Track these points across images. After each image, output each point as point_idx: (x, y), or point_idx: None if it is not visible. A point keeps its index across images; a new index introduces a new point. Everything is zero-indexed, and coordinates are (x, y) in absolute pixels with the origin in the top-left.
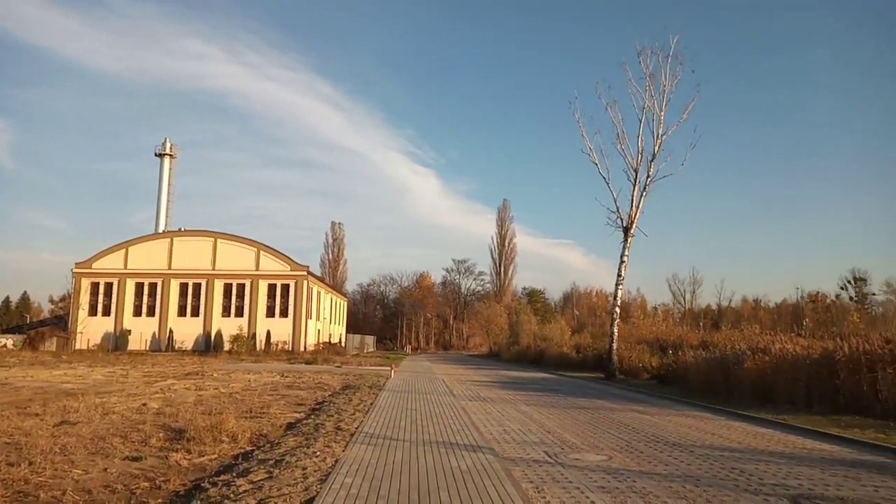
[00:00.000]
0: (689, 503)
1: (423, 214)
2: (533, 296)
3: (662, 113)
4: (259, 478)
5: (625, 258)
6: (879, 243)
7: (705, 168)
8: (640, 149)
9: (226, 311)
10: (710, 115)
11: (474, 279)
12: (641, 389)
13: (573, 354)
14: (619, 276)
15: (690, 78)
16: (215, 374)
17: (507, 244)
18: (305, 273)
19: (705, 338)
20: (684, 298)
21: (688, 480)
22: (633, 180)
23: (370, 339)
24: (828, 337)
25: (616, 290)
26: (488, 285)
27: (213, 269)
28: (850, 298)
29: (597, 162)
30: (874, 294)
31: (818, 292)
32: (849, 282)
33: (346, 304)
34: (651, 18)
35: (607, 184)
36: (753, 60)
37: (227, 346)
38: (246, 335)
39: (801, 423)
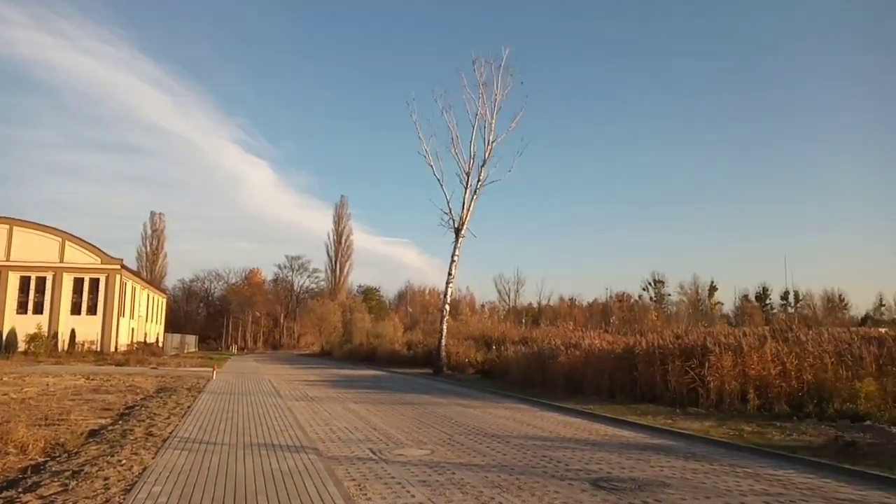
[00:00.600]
0: (503, 491)
1: (255, 207)
2: (368, 294)
3: (494, 120)
4: (51, 492)
5: (455, 258)
6: (674, 248)
7: (531, 174)
8: (472, 153)
9: (21, 308)
10: (540, 118)
11: (308, 276)
12: (467, 384)
13: (404, 351)
14: (449, 274)
15: (521, 89)
16: (5, 378)
17: (343, 241)
18: (119, 267)
19: (526, 334)
20: (509, 297)
21: (503, 470)
22: (465, 183)
23: (192, 339)
24: (630, 333)
25: (446, 288)
26: (323, 283)
27: (8, 260)
28: (651, 298)
29: (432, 164)
30: (669, 295)
31: (624, 293)
32: (650, 283)
33: (165, 301)
34: (496, 25)
35: (441, 186)
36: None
37: (22, 347)
38: (46, 334)
39: (604, 412)
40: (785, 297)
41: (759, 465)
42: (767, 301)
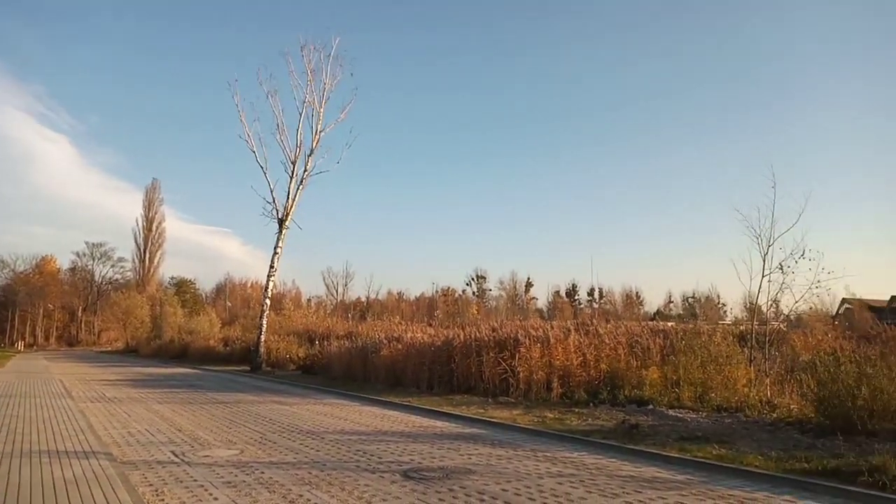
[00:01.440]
0: (313, 488)
1: (52, 188)
2: (182, 286)
3: (322, 110)
4: None
5: (279, 250)
6: (496, 245)
7: (360, 169)
8: (298, 142)
9: None
10: (375, 111)
11: (112, 266)
12: (286, 381)
13: (221, 348)
14: (271, 267)
15: (350, 80)
16: None
17: (154, 228)
18: None
19: (352, 329)
20: (337, 291)
21: (315, 466)
22: (290, 173)
23: None
24: (452, 326)
25: (268, 281)
26: (129, 273)
27: None
28: (473, 293)
29: (255, 150)
30: (490, 290)
31: (449, 287)
32: (473, 279)
33: None
34: (328, 12)
35: (265, 174)
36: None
37: None
38: None
39: (422, 403)
40: (591, 293)
41: (557, 449)
42: (576, 297)
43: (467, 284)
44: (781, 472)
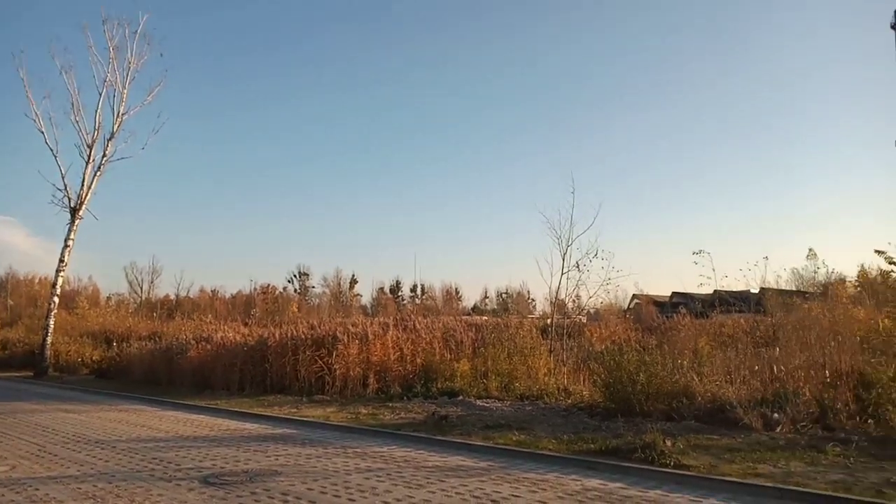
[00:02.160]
0: (98, 502)
1: None
2: None
3: (126, 91)
4: None
5: (70, 242)
6: (321, 241)
7: (175, 157)
8: (97, 124)
9: None
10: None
11: None
12: (76, 386)
13: None
14: (61, 261)
15: (160, 61)
16: None
17: None
18: None
19: (157, 328)
20: (142, 288)
21: (102, 478)
22: (86, 157)
23: None
24: (271, 324)
25: (56, 276)
26: None
27: None
28: (295, 290)
29: (43, 130)
30: (314, 287)
31: (269, 284)
32: (295, 276)
33: None
34: None
35: (55, 157)
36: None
37: None
38: None
39: (231, 406)
40: (414, 289)
41: (368, 445)
42: (399, 293)
43: (289, 281)
44: (571, 453)
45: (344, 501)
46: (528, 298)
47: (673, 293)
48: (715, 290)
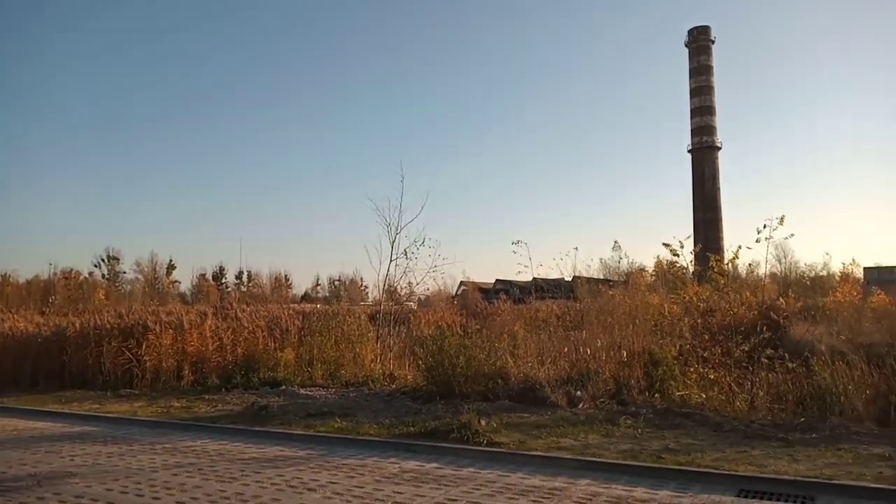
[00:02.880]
0: None
1: None
2: None
3: None
4: None
5: None
6: (133, 223)
7: None
8: None
9: None
10: None
11: None
12: None
13: None
14: None
15: None
16: None
17: None
18: None
19: None
20: None
21: None
22: None
23: None
24: (72, 313)
25: None
26: None
27: None
28: (103, 276)
29: None
30: (125, 272)
31: (72, 269)
32: (102, 260)
33: None
34: None
35: None
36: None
37: None
38: None
39: (21, 404)
40: (239, 276)
41: (179, 439)
42: (223, 280)
43: (96, 266)
44: (391, 437)
45: (148, 500)
46: (362, 286)
47: (497, 280)
48: (534, 278)
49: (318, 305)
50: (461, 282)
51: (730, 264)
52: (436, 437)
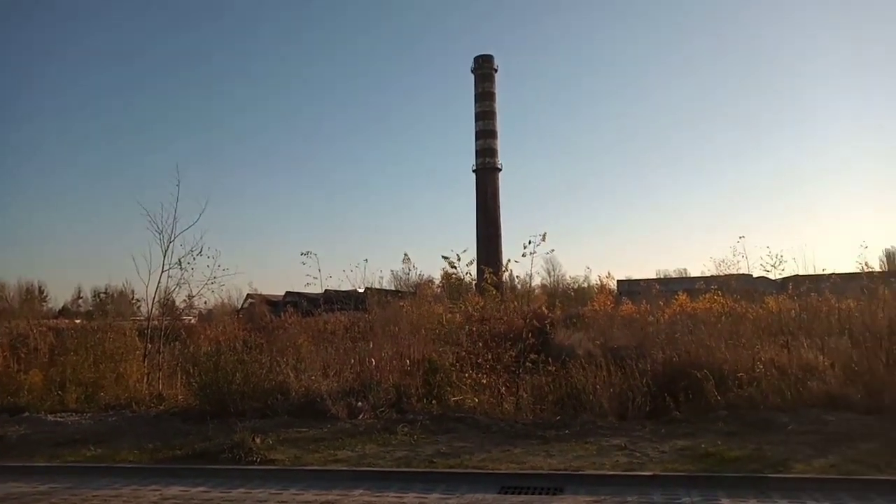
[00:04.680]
0: None
1: None
2: None
3: None
4: None
5: None
6: None
7: None
8: None
9: None
10: None
11: None
12: None
13: None
14: None
15: None
16: None
17: None
18: None
19: None
20: None
21: None
22: None
23: None
24: None
25: None
26: None
27: None
28: None
29: None
30: None
31: None
32: None
33: None
34: None
35: None
36: None
37: None
38: None
39: None
40: None
41: None
42: None
43: None
44: (153, 462)
45: None
46: (133, 299)
47: (287, 293)
48: (326, 290)
49: (79, 321)
50: (248, 294)
51: (505, 276)
52: (205, 460)
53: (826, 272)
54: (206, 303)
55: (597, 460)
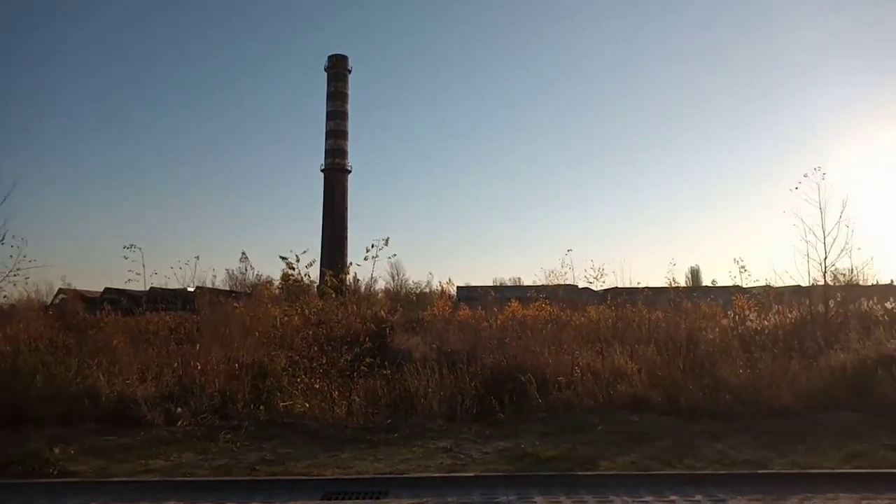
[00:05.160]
0: None
1: None
2: None
3: None
4: None
5: None
6: None
7: None
8: None
9: None
10: None
11: None
12: None
13: None
14: None
15: None
16: None
17: None
18: None
19: None
20: None
21: None
22: None
23: None
24: None
25: None
26: None
27: None
28: None
29: None
30: None
31: None
32: None
33: None
34: None
35: None
36: None
37: None
38: None
39: None
40: None
41: None
42: None
43: None
44: None
45: None
46: None
47: (106, 289)
48: (151, 287)
49: None
50: (59, 289)
51: (349, 279)
52: None
53: (640, 286)
54: (5, 297)
55: (422, 463)
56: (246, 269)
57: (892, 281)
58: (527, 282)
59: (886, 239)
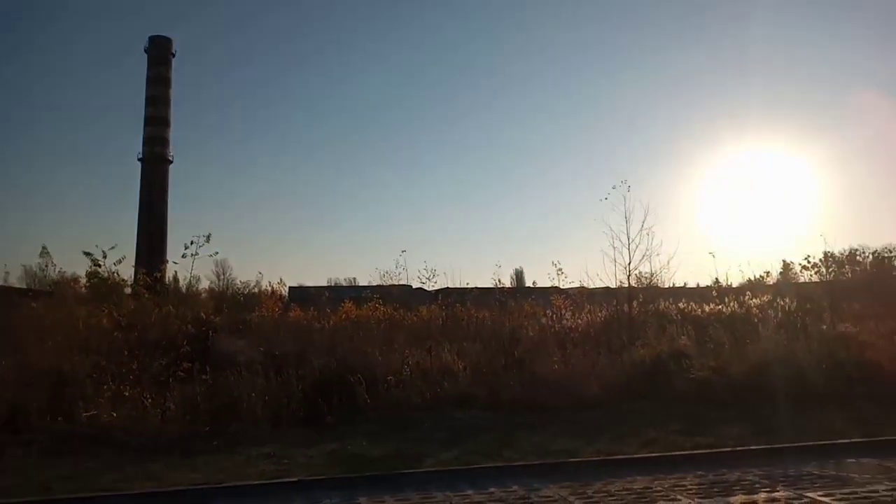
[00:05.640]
0: None
1: None
2: None
3: None
4: None
5: None
6: None
7: None
8: None
9: None
10: None
11: None
12: None
13: None
14: None
15: None
16: None
17: None
18: None
19: None
20: None
21: None
22: None
23: None
24: None
25: None
26: None
27: None
28: None
29: None
30: None
31: None
32: None
33: None
34: None
35: None
36: None
37: None
38: None
39: None
40: None
41: None
42: None
43: None
44: None
45: None
46: None
47: None
48: None
49: None
50: None
51: (169, 278)
52: None
53: (470, 286)
54: None
55: (243, 471)
56: (47, 266)
57: (685, 284)
58: (362, 282)
59: (682, 244)
